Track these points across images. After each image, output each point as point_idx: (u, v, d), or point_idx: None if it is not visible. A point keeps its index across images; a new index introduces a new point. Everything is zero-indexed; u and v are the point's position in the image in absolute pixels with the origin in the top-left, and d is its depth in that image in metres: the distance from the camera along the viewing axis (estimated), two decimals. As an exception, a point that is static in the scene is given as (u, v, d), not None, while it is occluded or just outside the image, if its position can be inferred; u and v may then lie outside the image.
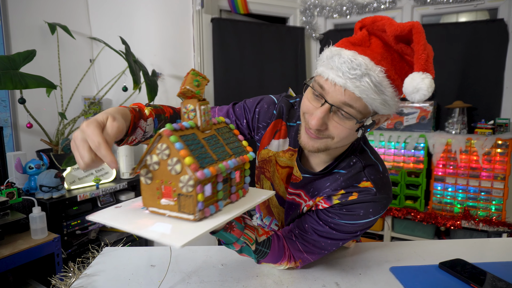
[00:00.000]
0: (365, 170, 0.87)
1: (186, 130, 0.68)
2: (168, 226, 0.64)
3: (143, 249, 1.13)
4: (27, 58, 1.67)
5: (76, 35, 2.43)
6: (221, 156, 0.69)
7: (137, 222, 0.67)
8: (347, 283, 0.93)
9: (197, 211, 0.64)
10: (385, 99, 0.73)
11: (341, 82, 0.71)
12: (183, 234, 0.60)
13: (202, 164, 0.64)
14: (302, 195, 0.95)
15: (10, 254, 1.55)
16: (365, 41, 0.74)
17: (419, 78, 0.66)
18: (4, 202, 1.66)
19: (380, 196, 0.85)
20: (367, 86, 0.70)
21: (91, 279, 0.94)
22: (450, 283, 0.93)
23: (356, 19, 2.97)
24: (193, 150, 0.65)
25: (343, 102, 0.73)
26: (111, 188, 2.25)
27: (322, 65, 0.76)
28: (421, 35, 0.68)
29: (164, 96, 2.52)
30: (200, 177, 0.61)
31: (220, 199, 0.69)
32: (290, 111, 1.01)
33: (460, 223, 2.40)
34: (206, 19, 2.62)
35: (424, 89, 0.65)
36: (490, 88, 2.58)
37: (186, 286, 0.90)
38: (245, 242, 0.83)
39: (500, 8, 2.56)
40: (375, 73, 0.70)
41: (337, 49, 0.74)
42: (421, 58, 0.67)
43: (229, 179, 0.71)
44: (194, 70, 0.70)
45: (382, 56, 0.72)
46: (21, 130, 2.20)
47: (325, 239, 0.89)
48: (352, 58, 0.70)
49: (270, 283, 0.92)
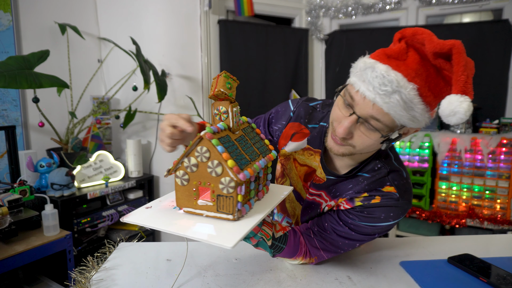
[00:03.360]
0: (389, 175, 0.89)
1: (221, 132, 0.70)
2: (211, 227, 0.66)
3: (158, 244, 1.16)
4: (41, 58, 1.71)
5: (85, 35, 2.46)
6: (253, 157, 0.71)
7: (178, 223, 0.69)
8: (358, 277, 0.95)
9: (236, 211, 0.66)
10: (414, 115, 0.72)
11: (370, 96, 0.72)
12: (230, 233, 0.62)
13: (240, 166, 0.66)
14: (323, 195, 0.97)
15: (24, 250, 1.58)
16: (402, 54, 0.73)
17: (457, 102, 0.64)
18: (17, 200, 1.70)
19: (402, 202, 0.87)
20: (396, 103, 0.70)
21: (110, 273, 0.97)
22: (459, 276, 0.95)
23: (361, 19, 3.00)
24: (231, 152, 0.66)
25: (371, 115, 0.74)
26: (120, 187, 2.28)
27: (355, 75, 0.76)
28: (462, 55, 0.66)
29: (172, 96, 2.55)
30: (242, 179, 0.63)
31: (252, 198, 0.72)
32: (311, 113, 1.02)
33: (465, 221, 2.42)
34: (213, 19, 2.65)
35: (462, 112, 0.63)
36: (495, 88, 2.60)
37: (202, 279, 0.93)
38: (262, 238, 0.86)
39: (505, 8, 2.58)
40: (407, 90, 0.69)
41: (372, 62, 0.73)
42: (460, 80, 0.65)
43: (257, 178, 0.74)
44: (225, 73, 0.72)
45: (417, 73, 0.70)
46: (32, 129, 2.24)
47: (343, 239, 0.91)
48: (384, 73, 0.70)
49: (284, 277, 0.94)
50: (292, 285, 0.90)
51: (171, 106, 2.57)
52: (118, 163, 2.36)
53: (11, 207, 1.67)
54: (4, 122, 2.11)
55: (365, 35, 2.91)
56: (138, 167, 2.45)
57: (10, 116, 2.13)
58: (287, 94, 3.05)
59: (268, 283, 0.91)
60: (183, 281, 0.91)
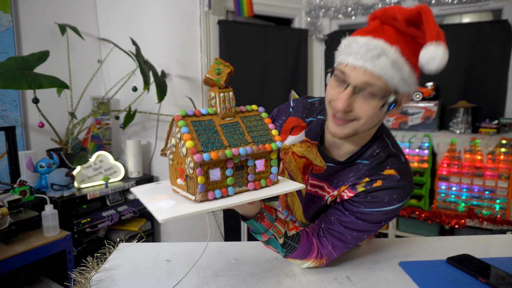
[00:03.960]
0: (388, 159, 0.91)
1: (202, 116, 0.72)
2: (171, 203, 0.69)
3: (158, 245, 1.16)
4: (41, 58, 1.71)
5: (85, 36, 2.46)
6: (235, 143, 0.71)
7: (154, 197, 0.73)
8: (357, 277, 0.95)
9: (198, 193, 0.67)
10: (403, 76, 0.77)
11: (360, 63, 0.76)
12: (175, 211, 0.65)
13: (205, 148, 0.67)
14: (325, 187, 0.97)
15: (24, 250, 1.58)
16: (378, 29, 0.78)
17: (432, 48, 0.70)
18: (17, 200, 1.70)
19: (404, 183, 0.88)
20: (384, 64, 0.75)
21: (110, 273, 0.97)
22: (458, 277, 0.95)
23: (361, 20, 3.00)
24: (200, 135, 0.68)
25: (365, 82, 0.77)
26: (120, 187, 2.28)
27: (341, 54, 0.81)
28: (430, 14, 0.72)
29: (172, 96, 2.55)
30: (197, 160, 0.64)
31: (230, 185, 0.71)
32: (309, 109, 1.06)
33: (465, 221, 2.42)
34: (213, 20, 2.65)
35: (439, 58, 0.70)
36: (494, 88, 2.60)
37: (202, 279, 0.93)
38: (274, 235, 0.87)
39: (505, 9, 2.58)
40: (391, 52, 0.75)
41: (353, 37, 0.79)
42: (432, 30, 0.71)
43: (245, 166, 0.73)
44: (217, 59, 0.74)
45: (396, 39, 0.76)
46: (32, 129, 2.24)
47: (351, 231, 0.91)
48: (368, 41, 0.76)
49: (283, 277, 0.95)
50: (292, 285, 0.91)
51: (171, 106, 2.58)
52: (118, 164, 2.37)
53: (11, 208, 1.68)
54: (4, 122, 2.11)
55: (365, 35, 2.91)
56: (138, 168, 2.45)
57: (10, 117, 2.14)
58: (287, 95, 3.05)
59: (267, 283, 0.91)
60: (183, 281, 0.91)
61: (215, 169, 0.69)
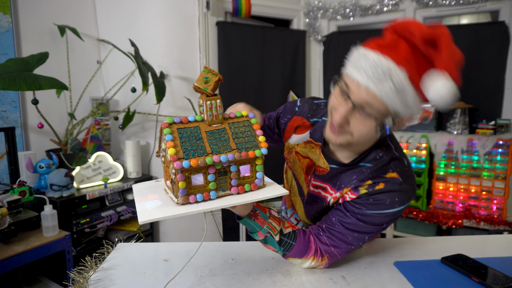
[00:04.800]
0: (391, 163, 0.91)
1: (189, 123, 0.75)
2: (158, 204, 0.74)
3: (156, 245, 1.17)
4: (40, 60, 1.72)
5: (84, 37, 2.47)
6: (218, 150, 0.74)
7: (147, 196, 0.78)
8: (353, 276, 0.96)
9: (180, 196, 0.71)
10: (406, 100, 0.75)
11: (364, 82, 0.75)
12: (155, 213, 0.69)
13: (187, 156, 0.71)
14: (328, 189, 0.98)
15: (23, 250, 1.59)
16: (392, 44, 0.76)
17: (440, 82, 0.68)
18: (17, 200, 1.71)
19: (406, 186, 0.89)
20: (388, 88, 0.73)
21: (108, 273, 0.98)
22: (452, 276, 0.96)
23: (359, 21, 3.01)
24: (184, 142, 0.72)
25: (365, 101, 0.77)
26: (119, 187, 2.29)
27: (350, 65, 0.80)
28: (445, 38, 0.70)
29: (171, 97, 2.56)
30: (177, 167, 0.68)
31: (212, 189, 0.74)
32: (314, 109, 1.07)
33: (462, 222, 2.44)
34: (212, 21, 2.67)
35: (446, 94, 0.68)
36: (492, 89, 2.62)
37: (199, 279, 0.94)
38: (269, 232, 0.88)
39: (502, 10, 2.60)
40: (397, 75, 0.73)
41: (364, 51, 0.78)
42: (444, 58, 0.69)
43: (228, 172, 0.76)
44: (206, 68, 0.76)
45: (407, 59, 0.73)
46: (31, 130, 2.25)
47: (352, 232, 0.92)
48: (376, 60, 0.74)
49: (279, 276, 0.96)
50: (287, 284, 0.92)
51: (170, 107, 2.59)
52: (117, 164, 2.38)
53: (10, 208, 1.69)
54: (4, 123, 2.12)
55: (363, 36, 2.91)
56: (137, 168, 2.47)
57: (10, 118, 2.15)
58: (285, 96, 3.06)
59: (263, 283, 0.92)
60: (179, 280, 0.92)
61: (198, 174, 0.72)
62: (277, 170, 2.99)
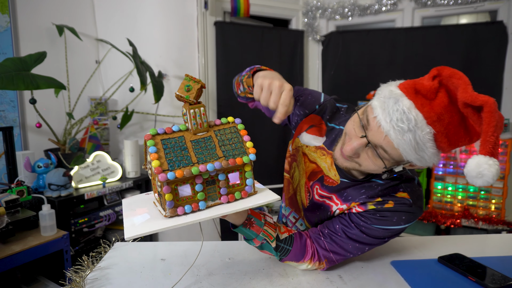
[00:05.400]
0: (403, 183, 0.90)
1: (173, 133, 0.73)
2: (146, 218, 0.72)
3: (153, 244, 1.17)
4: (38, 59, 1.72)
5: (83, 37, 2.47)
6: (204, 159, 0.72)
7: (136, 211, 0.77)
8: (349, 276, 0.97)
9: (167, 209, 0.69)
10: (422, 156, 0.73)
11: (385, 128, 0.72)
12: (142, 228, 0.68)
13: (172, 167, 0.68)
14: (334, 198, 0.97)
15: (21, 250, 1.59)
16: (431, 93, 0.71)
17: (486, 164, 0.62)
18: (15, 200, 1.71)
19: (415, 208, 0.89)
20: (408, 142, 0.70)
21: (105, 272, 0.98)
22: (448, 276, 0.97)
23: (357, 21, 3.01)
24: (168, 153, 0.70)
25: (381, 145, 0.75)
26: (117, 187, 2.29)
27: (377, 100, 0.75)
28: (493, 115, 0.63)
29: (169, 97, 2.56)
30: (161, 179, 0.66)
31: (201, 200, 0.72)
32: (334, 113, 1.02)
33: (460, 221, 2.44)
34: (210, 21, 2.67)
35: (490, 176, 0.63)
36: (490, 89, 2.62)
37: (195, 278, 0.94)
38: (265, 239, 0.87)
39: (500, 10, 2.60)
40: (422, 133, 0.69)
41: (398, 93, 0.72)
42: (489, 141, 0.63)
43: (216, 181, 0.74)
44: (187, 76, 0.74)
45: (439, 117, 0.69)
46: (29, 129, 2.25)
47: (353, 242, 0.92)
48: (406, 110, 0.69)
49: (275, 276, 0.96)
50: (284, 284, 0.92)
51: (168, 107, 2.59)
52: (115, 164, 2.38)
53: (8, 207, 1.68)
54: (2, 123, 2.12)
55: (362, 36, 2.93)
56: (135, 168, 2.46)
57: (8, 117, 2.14)
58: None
59: (260, 282, 0.92)
60: (177, 280, 0.92)
61: (185, 185, 0.70)
62: (277, 171, 2.99)
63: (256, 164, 0.79)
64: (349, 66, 2.97)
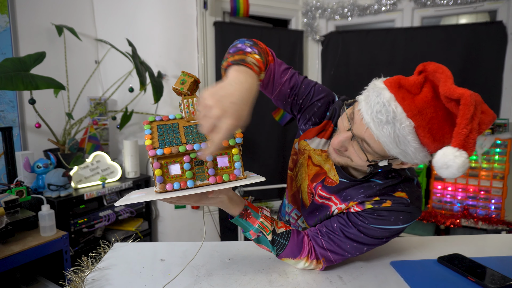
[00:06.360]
0: (402, 182, 0.90)
1: (169, 120, 0.83)
2: (141, 195, 0.79)
3: (152, 244, 1.17)
4: (37, 59, 1.72)
5: (82, 37, 2.47)
6: (193, 140, 0.79)
7: (137, 193, 0.84)
8: (349, 276, 0.96)
9: (157, 184, 0.76)
10: (405, 151, 0.72)
11: (366, 120, 0.73)
12: (133, 199, 0.75)
13: (162, 145, 0.76)
14: (333, 198, 0.97)
15: (20, 250, 1.59)
16: (415, 88, 0.71)
17: (451, 155, 0.62)
18: (14, 200, 1.71)
19: (413, 208, 0.89)
20: (387, 134, 0.70)
21: (104, 272, 0.98)
22: (448, 276, 0.97)
23: (357, 21, 3.01)
24: (161, 135, 0.78)
25: (363, 138, 0.76)
26: (117, 187, 2.29)
27: (364, 94, 0.77)
28: (469, 108, 0.62)
29: (169, 97, 2.56)
30: (151, 154, 0.74)
31: (190, 178, 0.78)
32: None
33: (460, 221, 2.44)
34: (209, 21, 2.66)
35: (455, 167, 0.62)
36: (489, 89, 2.62)
37: (195, 278, 0.94)
38: (261, 232, 0.88)
39: (499, 10, 2.60)
40: (401, 125, 0.69)
41: (381, 87, 0.73)
42: (461, 133, 0.63)
43: (205, 162, 0.80)
44: (183, 72, 0.82)
45: (420, 111, 0.69)
46: (29, 130, 2.25)
47: (351, 242, 0.92)
48: (386, 102, 0.70)
49: (275, 276, 0.96)
50: (284, 284, 0.92)
51: (168, 107, 2.59)
52: (115, 164, 2.37)
53: (7, 208, 1.68)
54: (1, 123, 2.12)
55: (361, 36, 2.92)
56: (135, 168, 2.46)
57: (7, 117, 2.14)
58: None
59: (259, 282, 0.92)
60: (176, 280, 0.92)
61: (175, 164, 0.77)
62: (277, 171, 2.98)
63: (256, 164, 0.82)
64: (349, 66, 2.97)
